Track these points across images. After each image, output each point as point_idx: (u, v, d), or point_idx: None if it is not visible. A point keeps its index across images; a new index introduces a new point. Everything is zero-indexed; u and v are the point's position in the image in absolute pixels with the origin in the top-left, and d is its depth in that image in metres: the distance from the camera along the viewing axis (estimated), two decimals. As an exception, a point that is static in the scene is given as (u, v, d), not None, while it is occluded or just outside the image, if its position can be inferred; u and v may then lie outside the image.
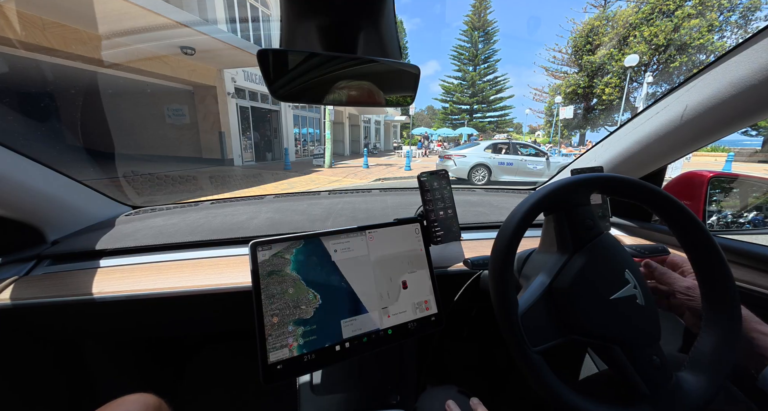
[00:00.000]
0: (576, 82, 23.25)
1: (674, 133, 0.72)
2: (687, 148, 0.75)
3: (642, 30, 19.49)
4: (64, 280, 0.70)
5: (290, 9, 0.41)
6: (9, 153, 0.69)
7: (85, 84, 6.69)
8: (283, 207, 1.04)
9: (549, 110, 28.03)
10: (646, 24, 19.57)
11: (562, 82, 25.35)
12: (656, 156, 0.81)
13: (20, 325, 0.70)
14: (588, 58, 22.18)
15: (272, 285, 0.54)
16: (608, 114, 23.75)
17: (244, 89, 10.89)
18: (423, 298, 0.65)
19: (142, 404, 0.47)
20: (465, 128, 28.69)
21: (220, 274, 0.71)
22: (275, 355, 0.52)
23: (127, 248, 0.78)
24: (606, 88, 21.39)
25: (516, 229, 0.44)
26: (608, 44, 21.38)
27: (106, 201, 0.98)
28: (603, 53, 21.28)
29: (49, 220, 0.80)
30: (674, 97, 0.70)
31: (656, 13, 19.28)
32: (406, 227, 0.67)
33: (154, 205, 1.07)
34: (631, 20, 20.24)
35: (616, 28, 20.98)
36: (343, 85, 0.49)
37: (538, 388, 0.41)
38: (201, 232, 0.85)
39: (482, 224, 0.93)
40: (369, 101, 0.52)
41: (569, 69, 26.82)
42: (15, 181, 0.70)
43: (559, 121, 26.27)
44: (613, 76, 21.10)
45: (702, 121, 0.66)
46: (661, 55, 19.17)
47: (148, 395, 0.50)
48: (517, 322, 0.42)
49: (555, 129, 26.50)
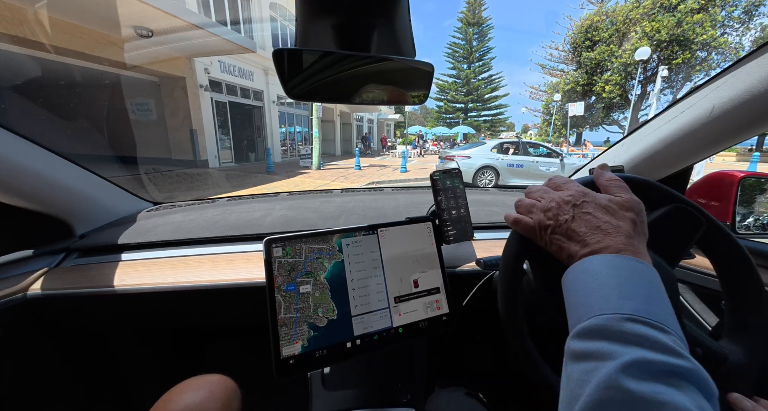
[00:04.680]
0: (575, 80, 22.60)
1: (701, 131, 0.68)
2: (714, 147, 0.71)
3: (643, 25, 18.88)
4: (91, 272, 0.74)
5: (305, 8, 0.42)
6: (43, 151, 0.72)
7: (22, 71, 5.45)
8: (296, 204, 1.07)
9: (546, 108, 27.36)
10: (647, 19, 18.97)
11: (560, 80, 24.72)
12: (682, 155, 0.76)
13: (50, 314, 0.73)
14: (587, 54, 21.53)
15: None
16: (610, 112, 23.21)
17: (221, 82, 9.74)
18: (434, 297, 0.64)
19: (222, 385, 0.50)
20: (461, 127, 27.68)
21: (236, 270, 0.72)
22: (287, 350, 0.52)
23: (148, 243, 0.81)
24: (606, 85, 20.75)
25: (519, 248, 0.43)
26: (608, 40, 20.77)
27: (129, 197, 1.01)
28: (603, 49, 20.65)
29: (78, 214, 0.84)
30: (702, 94, 0.66)
31: (658, 7, 18.69)
32: (418, 226, 0.67)
33: (174, 201, 1.12)
34: (631, 16, 19.64)
35: (616, 24, 20.37)
36: (357, 84, 0.49)
37: (544, 390, 0.40)
38: (218, 228, 0.87)
39: (496, 224, 0.92)
40: (383, 100, 0.52)
41: (566, 66, 26.25)
42: (49, 178, 0.73)
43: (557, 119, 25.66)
44: (613, 73, 20.48)
45: (732, 118, 0.62)
46: (663, 51, 18.58)
47: (227, 378, 0.52)
48: (522, 327, 0.42)
49: (554, 127, 25.84)
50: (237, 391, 0.51)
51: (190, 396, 0.47)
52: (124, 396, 0.94)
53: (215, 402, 0.47)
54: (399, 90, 0.51)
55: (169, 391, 0.48)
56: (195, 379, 0.50)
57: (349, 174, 9.55)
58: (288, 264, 0.54)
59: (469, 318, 0.76)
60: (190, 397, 0.46)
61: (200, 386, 0.48)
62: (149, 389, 0.58)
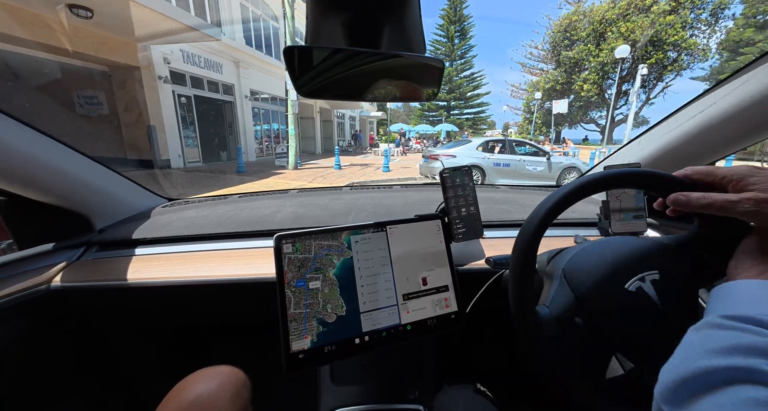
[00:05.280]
0: (554, 79, 22.89)
1: (727, 125, 0.66)
2: (740, 143, 0.69)
3: (619, 25, 19.29)
4: (110, 266, 0.76)
5: (316, 6, 0.42)
6: (65, 148, 0.75)
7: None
8: (306, 201, 1.08)
9: (527, 107, 27.65)
10: (622, 20, 19.39)
11: (540, 79, 25.01)
12: (705, 151, 0.75)
13: (71, 305, 0.76)
14: (566, 53, 21.83)
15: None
16: (587, 111, 23.70)
17: (185, 74, 8.85)
18: (443, 295, 0.65)
19: (233, 376, 0.51)
20: (444, 125, 27.40)
21: (248, 265, 0.74)
22: (297, 345, 0.53)
23: (163, 238, 0.84)
24: (584, 84, 21.12)
25: (538, 227, 0.43)
26: (586, 39, 21.11)
27: (145, 193, 1.04)
28: (581, 48, 20.97)
29: (97, 210, 0.87)
30: (731, 87, 0.64)
31: (632, 8, 19.13)
32: (427, 224, 0.67)
33: (188, 197, 1.15)
34: (607, 16, 20.03)
35: (593, 24, 20.74)
36: (367, 81, 0.50)
37: (554, 389, 0.40)
38: (229, 224, 0.88)
39: (506, 222, 0.91)
40: (394, 96, 0.53)
41: (546, 65, 26.60)
42: (71, 175, 0.76)
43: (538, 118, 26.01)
44: (591, 73, 20.85)
45: (762, 112, 0.60)
46: (638, 51, 19.06)
47: (238, 370, 0.53)
48: (531, 323, 0.42)
49: (535, 125, 26.14)
50: (247, 383, 0.53)
51: (203, 386, 0.48)
52: (137, 387, 0.96)
53: (226, 392, 0.48)
54: (409, 86, 0.52)
55: (182, 381, 0.49)
56: (207, 369, 0.51)
57: (328, 174, 8.96)
58: (298, 260, 0.56)
59: (478, 316, 0.74)
60: (202, 387, 0.48)
61: (212, 376, 0.50)
62: (161, 381, 0.59)
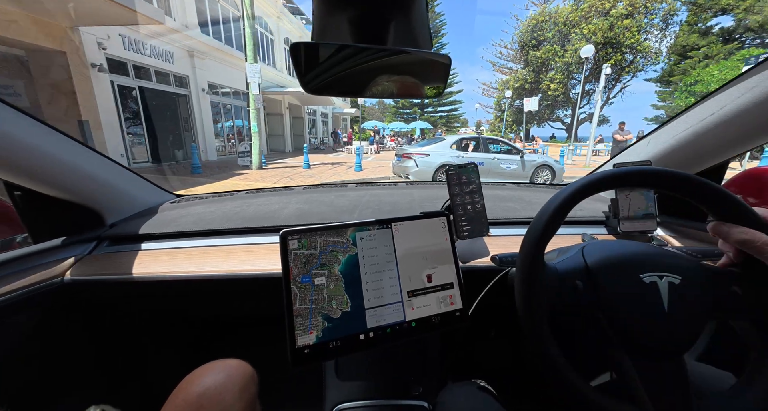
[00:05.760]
0: (523, 78, 23.49)
1: (747, 119, 0.66)
2: (754, 140, 0.69)
3: (582, 27, 20.09)
4: (120, 260, 0.78)
5: (322, 2, 0.42)
6: (77, 145, 0.77)
7: None
8: (312, 198, 1.08)
9: (498, 105, 28.26)
10: (585, 22, 20.21)
11: (510, 77, 25.59)
12: (717, 149, 0.75)
13: (83, 298, 0.77)
14: (534, 53, 22.44)
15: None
16: (554, 109, 24.58)
17: (126, 62, 7.81)
18: (448, 292, 0.64)
19: (241, 369, 0.51)
20: (418, 122, 27.28)
21: (254, 261, 0.75)
22: (302, 340, 0.54)
23: (172, 233, 0.85)
24: (551, 83, 21.84)
25: (546, 225, 0.42)
26: (552, 40, 21.81)
27: (153, 189, 1.06)
28: (548, 49, 21.64)
29: (109, 205, 0.88)
30: (749, 85, 0.64)
31: (593, 11, 19.98)
32: (432, 221, 0.66)
33: (195, 193, 1.16)
34: (571, 17, 20.79)
35: (558, 25, 21.45)
36: (373, 77, 0.50)
37: (558, 388, 0.40)
38: (236, 220, 0.90)
39: (512, 220, 0.91)
40: (401, 92, 0.53)
41: (514, 65, 27.27)
42: (83, 171, 0.78)
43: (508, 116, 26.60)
44: (557, 72, 21.60)
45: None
46: (599, 52, 19.98)
47: (246, 363, 0.53)
48: (540, 321, 0.42)
49: (506, 123, 26.74)
50: (254, 376, 0.53)
51: (211, 378, 0.48)
52: (145, 380, 0.99)
53: (234, 385, 0.48)
54: (416, 82, 0.52)
55: (191, 374, 0.50)
56: (215, 362, 0.52)
57: (295, 174, 8.34)
58: (303, 256, 0.56)
59: (483, 314, 0.73)
60: (210, 380, 0.48)
61: (220, 369, 0.50)
62: (169, 373, 0.60)
